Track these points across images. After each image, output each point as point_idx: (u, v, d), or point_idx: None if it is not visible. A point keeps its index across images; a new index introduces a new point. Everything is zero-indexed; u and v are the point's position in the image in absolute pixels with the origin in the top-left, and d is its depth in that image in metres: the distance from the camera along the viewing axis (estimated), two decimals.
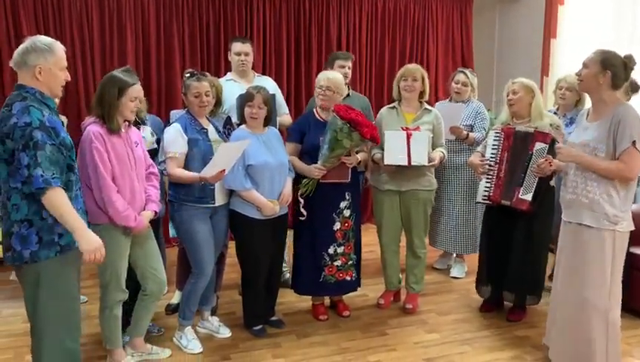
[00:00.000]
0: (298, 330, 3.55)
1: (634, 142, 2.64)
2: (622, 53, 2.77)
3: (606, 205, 2.73)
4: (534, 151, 3.30)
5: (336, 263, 3.57)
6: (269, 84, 4.11)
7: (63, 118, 3.87)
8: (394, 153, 3.48)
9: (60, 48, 2.38)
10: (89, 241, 2.33)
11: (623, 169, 2.67)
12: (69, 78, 2.49)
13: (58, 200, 2.25)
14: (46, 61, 2.32)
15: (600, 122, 2.75)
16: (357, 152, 3.56)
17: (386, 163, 3.53)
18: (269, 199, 3.27)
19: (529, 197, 3.35)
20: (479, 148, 3.74)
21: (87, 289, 3.80)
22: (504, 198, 3.42)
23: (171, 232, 3.54)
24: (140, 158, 2.90)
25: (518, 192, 3.36)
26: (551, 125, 3.45)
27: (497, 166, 3.44)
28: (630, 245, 2.92)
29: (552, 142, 3.29)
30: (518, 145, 3.40)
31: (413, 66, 3.72)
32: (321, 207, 3.51)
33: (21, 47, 2.35)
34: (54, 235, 2.33)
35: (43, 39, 2.36)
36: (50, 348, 2.41)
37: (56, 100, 3.53)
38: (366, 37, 5.91)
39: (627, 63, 2.73)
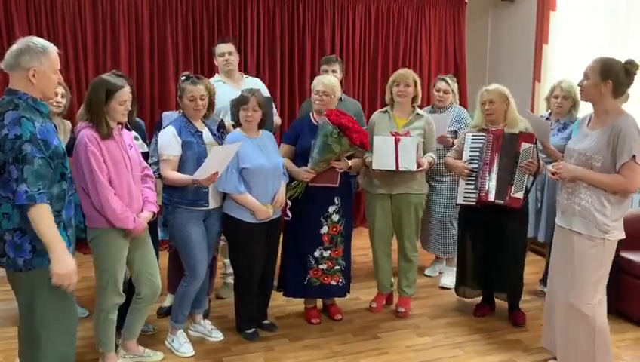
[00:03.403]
0: (291, 334, 3.55)
1: (634, 157, 2.63)
2: (622, 59, 2.75)
3: (597, 214, 2.74)
4: (521, 151, 3.36)
5: (321, 266, 3.58)
6: (259, 86, 4.12)
7: (68, 123, 3.84)
8: (382, 158, 3.50)
9: (53, 50, 2.33)
10: (63, 265, 2.25)
11: (624, 183, 2.67)
12: (62, 81, 2.46)
13: (40, 217, 2.20)
14: (40, 64, 2.26)
15: (599, 131, 2.75)
16: (349, 157, 3.57)
17: (374, 168, 3.55)
18: (263, 203, 3.27)
19: (520, 195, 3.41)
20: (450, 154, 3.77)
21: (85, 299, 3.78)
22: (497, 197, 3.43)
23: (160, 234, 3.53)
24: (134, 160, 2.89)
25: (510, 191, 3.39)
26: (526, 129, 3.49)
27: (488, 166, 3.46)
28: (621, 249, 2.94)
29: (536, 142, 3.39)
30: (506, 146, 3.44)
31: (405, 71, 3.74)
32: (309, 210, 3.53)
33: (14, 48, 2.27)
34: None
35: (37, 40, 2.29)
36: (47, 354, 2.39)
37: (56, 100, 3.55)
38: (359, 40, 5.93)
39: (629, 69, 2.70)
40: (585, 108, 2.96)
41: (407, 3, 6.00)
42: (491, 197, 3.44)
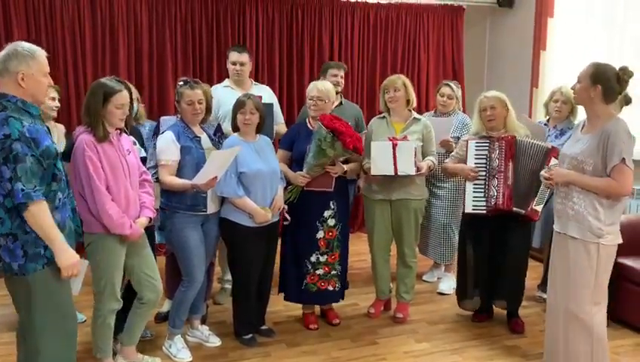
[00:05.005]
0: (288, 339, 3.54)
1: (623, 160, 2.64)
2: (617, 66, 2.75)
3: (590, 218, 2.74)
4: (550, 167, 3.24)
5: (318, 272, 3.57)
6: (267, 93, 4.15)
7: (60, 127, 3.85)
8: (380, 163, 3.50)
9: (41, 54, 2.34)
10: (67, 257, 2.31)
11: (615, 186, 2.68)
12: (52, 83, 2.47)
13: (39, 214, 2.23)
14: (28, 67, 2.28)
15: (591, 136, 2.76)
16: (345, 162, 3.58)
17: (372, 173, 3.55)
18: (262, 206, 3.27)
19: (540, 208, 3.39)
20: (448, 160, 3.76)
21: (81, 304, 3.76)
22: (517, 206, 3.41)
23: (158, 238, 3.53)
24: (133, 165, 2.89)
25: (533, 202, 3.37)
26: (528, 136, 3.49)
27: (503, 174, 3.43)
28: (619, 256, 2.94)
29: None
30: (531, 157, 3.39)
31: (393, 77, 3.74)
32: (305, 215, 3.53)
33: (1, 54, 2.29)
34: (40, 248, 2.30)
35: (24, 45, 2.31)
36: (48, 358, 2.39)
37: (53, 104, 3.57)
38: (358, 46, 5.94)
39: (620, 76, 2.71)
40: (583, 116, 2.97)
41: (405, 9, 6.02)
42: (511, 205, 3.41)
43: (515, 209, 3.41)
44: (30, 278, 2.30)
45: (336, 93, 3.89)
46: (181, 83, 3.25)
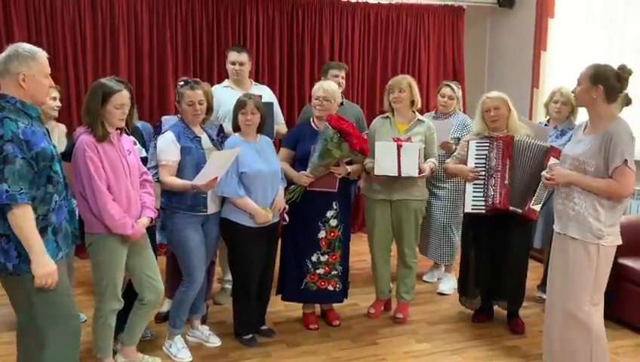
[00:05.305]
0: (288, 339, 3.54)
1: (625, 161, 2.64)
2: (615, 65, 2.76)
3: (591, 219, 2.74)
4: (549, 166, 3.24)
5: (318, 271, 3.58)
6: (266, 93, 4.15)
7: (62, 127, 3.86)
8: (384, 164, 3.50)
9: (42, 55, 2.35)
10: (43, 265, 2.28)
11: (617, 187, 2.68)
12: (53, 84, 2.46)
13: (22, 218, 2.22)
14: (29, 68, 2.29)
15: (593, 137, 2.76)
16: (348, 163, 3.58)
17: (376, 173, 3.55)
18: (262, 206, 3.28)
19: (538, 208, 3.40)
20: (449, 160, 3.77)
21: (82, 304, 3.77)
22: (514, 205, 3.41)
23: (159, 238, 3.53)
24: (133, 166, 2.89)
25: (530, 202, 3.37)
26: (528, 136, 3.49)
27: (500, 174, 3.44)
28: (620, 256, 2.93)
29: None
30: (528, 156, 3.40)
31: (399, 77, 3.76)
32: (307, 214, 3.53)
33: (2, 55, 2.31)
34: None
35: (25, 46, 2.32)
36: (50, 357, 2.39)
37: (54, 104, 3.58)
38: (358, 47, 5.94)
39: (620, 74, 2.72)
40: (583, 116, 2.97)
41: (405, 9, 6.02)
42: (507, 204, 3.41)
43: (511, 208, 3.42)
44: (26, 279, 2.30)
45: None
46: (182, 83, 3.25)
